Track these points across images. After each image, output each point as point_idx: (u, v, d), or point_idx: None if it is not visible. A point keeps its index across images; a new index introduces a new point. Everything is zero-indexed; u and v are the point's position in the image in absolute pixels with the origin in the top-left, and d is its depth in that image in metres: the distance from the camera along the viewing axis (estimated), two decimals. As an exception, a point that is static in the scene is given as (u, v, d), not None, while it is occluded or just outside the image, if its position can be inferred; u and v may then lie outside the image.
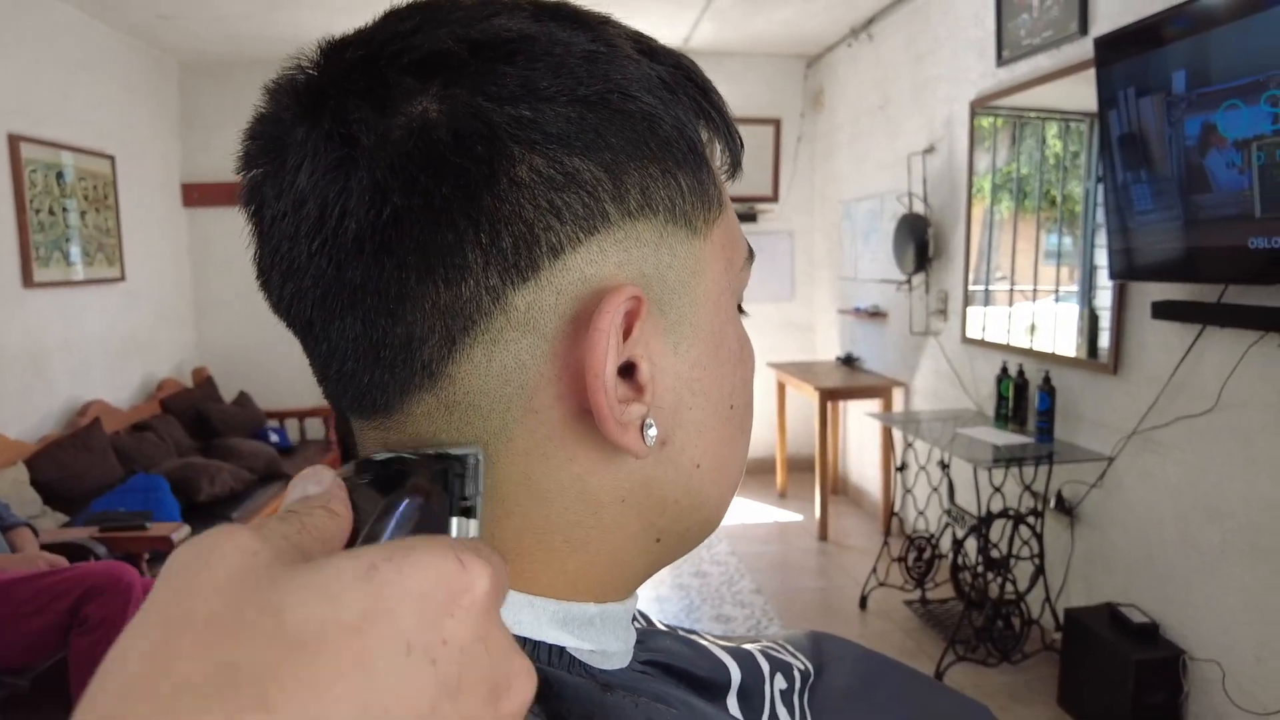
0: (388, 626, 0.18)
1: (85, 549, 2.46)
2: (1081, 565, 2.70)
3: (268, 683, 0.17)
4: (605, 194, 0.30)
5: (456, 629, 0.20)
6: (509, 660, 0.21)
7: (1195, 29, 1.95)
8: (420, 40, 0.29)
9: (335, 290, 0.29)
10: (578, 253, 0.30)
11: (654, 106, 0.31)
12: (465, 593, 0.20)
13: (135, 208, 4.08)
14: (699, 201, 0.33)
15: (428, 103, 0.28)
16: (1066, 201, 2.77)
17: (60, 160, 3.49)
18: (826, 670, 0.55)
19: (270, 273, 0.32)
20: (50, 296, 3.43)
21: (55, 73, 3.50)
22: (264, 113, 0.32)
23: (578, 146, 0.29)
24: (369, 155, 0.28)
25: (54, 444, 3.15)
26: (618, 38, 0.32)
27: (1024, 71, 2.89)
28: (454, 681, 0.19)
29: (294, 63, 0.32)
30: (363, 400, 0.32)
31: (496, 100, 0.28)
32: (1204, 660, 2.19)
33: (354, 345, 0.30)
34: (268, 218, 0.31)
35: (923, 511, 3.39)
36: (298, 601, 0.18)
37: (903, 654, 2.90)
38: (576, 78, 0.29)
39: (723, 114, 0.36)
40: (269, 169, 0.31)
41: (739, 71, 4.89)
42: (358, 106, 0.28)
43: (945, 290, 3.50)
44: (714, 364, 0.35)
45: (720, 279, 0.35)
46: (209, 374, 4.59)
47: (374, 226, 0.28)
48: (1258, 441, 2.01)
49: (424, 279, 0.28)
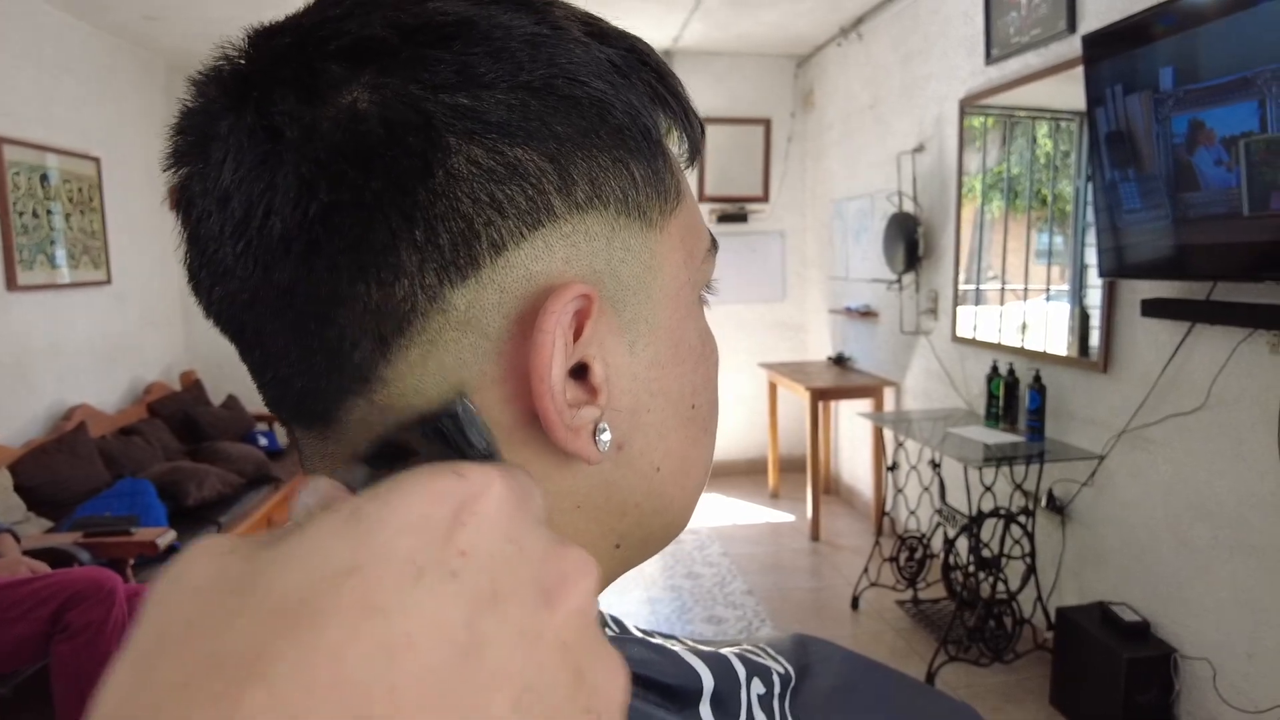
0: (385, 559, 0.17)
1: (69, 555, 2.43)
2: (1073, 564, 2.70)
3: (258, 656, 0.15)
4: (550, 186, 0.28)
5: (473, 537, 0.18)
6: (555, 557, 0.19)
7: (1182, 26, 1.95)
8: (351, 26, 0.28)
9: (263, 293, 0.28)
10: (521, 249, 0.28)
11: (604, 92, 0.29)
12: (474, 500, 0.18)
13: (121, 210, 4.05)
14: (654, 192, 0.32)
15: (358, 92, 0.27)
16: (1057, 200, 2.77)
17: (45, 162, 3.46)
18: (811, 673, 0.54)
19: (199, 275, 0.30)
20: (35, 300, 3.40)
21: (39, 74, 3.47)
22: (190, 106, 0.30)
23: (520, 136, 0.27)
24: (295, 149, 0.26)
25: (39, 449, 3.12)
26: (565, 20, 0.30)
27: (1013, 70, 2.88)
28: (487, 590, 0.17)
29: (221, 51, 0.30)
30: (299, 408, 0.30)
31: (431, 88, 0.27)
32: (1195, 658, 2.19)
33: (285, 350, 0.29)
34: (194, 217, 0.29)
35: (914, 511, 3.38)
36: (278, 571, 0.16)
37: (895, 654, 2.89)
38: (518, 63, 0.28)
39: (680, 99, 0.34)
40: (195, 166, 0.29)
41: (729, 71, 4.89)
42: (283, 97, 0.27)
43: (935, 289, 3.50)
44: (673, 362, 0.33)
45: (679, 273, 0.34)
46: (197, 377, 4.57)
47: (301, 225, 0.26)
48: (1247, 439, 2.01)
49: (355, 280, 0.27)
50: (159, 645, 0.16)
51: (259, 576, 0.16)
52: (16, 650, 2.05)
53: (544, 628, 0.18)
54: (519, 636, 0.17)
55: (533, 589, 0.18)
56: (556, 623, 0.18)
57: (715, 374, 0.37)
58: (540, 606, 0.18)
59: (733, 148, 4.94)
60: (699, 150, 0.36)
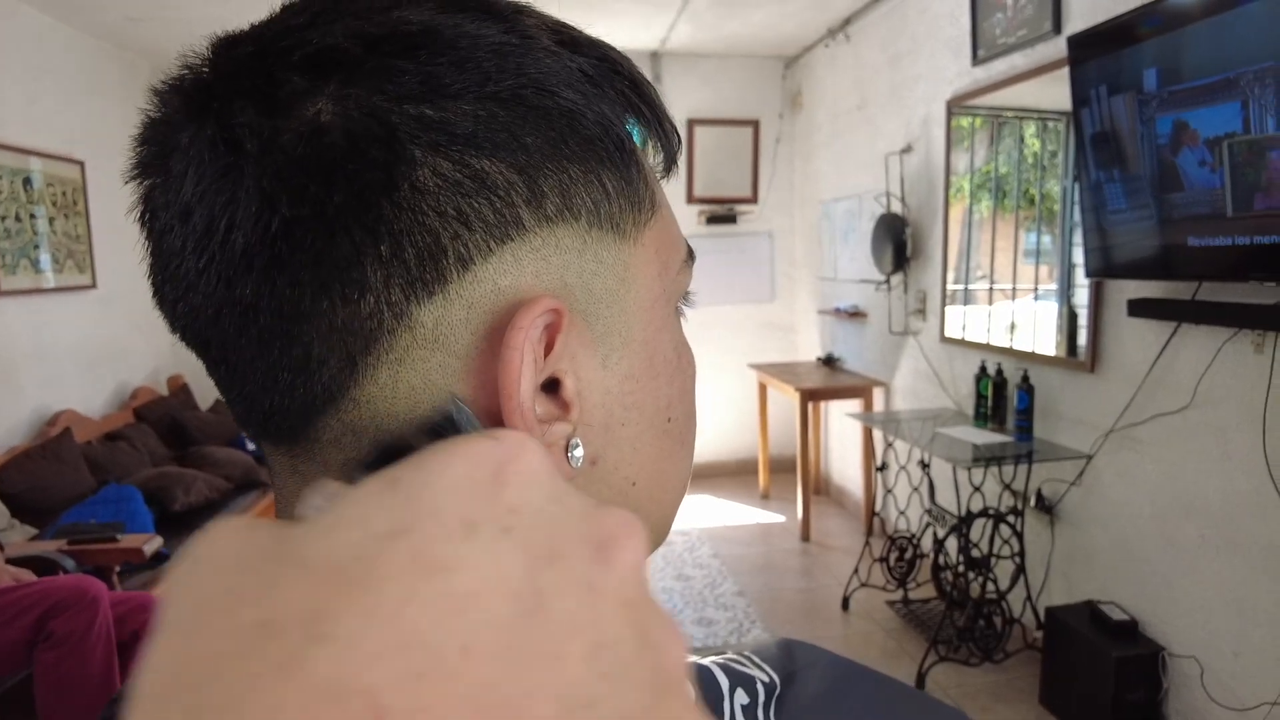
0: (436, 518, 0.16)
1: (54, 563, 2.41)
2: (1062, 563, 2.71)
3: (316, 619, 0.14)
4: (519, 198, 0.27)
5: (519, 495, 0.17)
6: (600, 516, 0.19)
7: (1166, 27, 1.96)
8: (313, 35, 0.27)
9: (227, 309, 0.27)
10: (489, 263, 0.27)
11: (574, 102, 0.29)
12: (513, 461, 0.18)
13: (106, 213, 4.01)
14: (627, 203, 0.31)
15: (321, 104, 0.26)
16: (1045, 200, 2.78)
17: (28, 165, 3.43)
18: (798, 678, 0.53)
19: (163, 289, 0.30)
20: (19, 304, 3.36)
21: (22, 77, 3.44)
22: (153, 116, 0.30)
23: (487, 147, 0.27)
24: (255, 162, 0.26)
25: (22, 455, 3.09)
26: (534, 29, 0.30)
27: (1000, 70, 2.89)
28: (543, 546, 0.17)
29: (183, 60, 0.29)
30: (268, 425, 0.29)
31: (395, 99, 0.26)
32: (1183, 656, 2.20)
33: (251, 367, 0.28)
34: (157, 230, 0.29)
35: (904, 511, 3.39)
36: (320, 537, 0.16)
37: (885, 654, 2.89)
38: (485, 73, 0.27)
39: (654, 108, 0.34)
40: (157, 179, 0.29)
41: (716, 73, 4.89)
42: (244, 109, 0.26)
43: (924, 290, 3.51)
44: (648, 376, 0.33)
45: (653, 285, 0.33)
46: (184, 381, 4.54)
47: (263, 240, 0.26)
48: (1232, 437, 2.02)
49: (319, 296, 0.26)
50: (199, 617, 0.15)
51: (299, 544, 0.16)
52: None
53: (604, 584, 0.17)
54: (582, 591, 0.17)
55: (586, 545, 0.18)
56: (615, 579, 0.17)
57: (692, 386, 0.36)
58: (596, 562, 0.17)
59: (721, 149, 4.95)
60: (675, 160, 0.36)
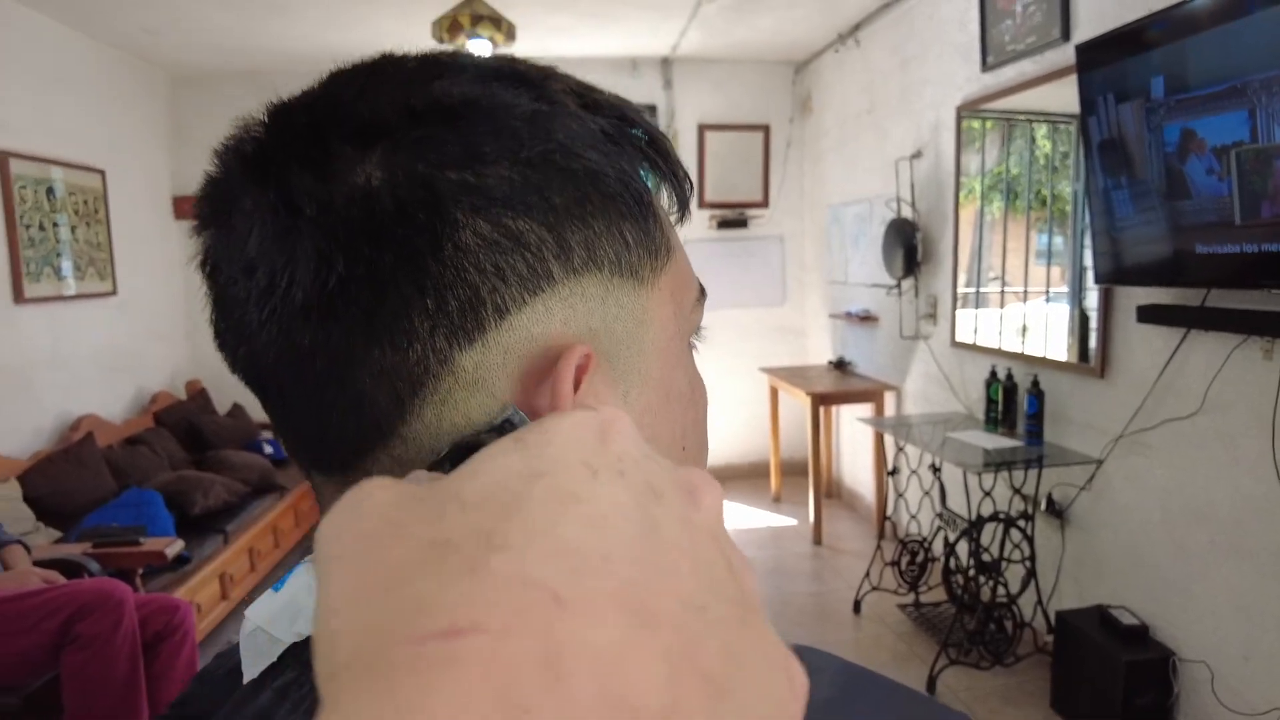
0: (562, 464, 0.19)
1: (79, 565, 2.46)
2: (1072, 567, 2.71)
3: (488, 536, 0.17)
4: (549, 253, 0.30)
5: (622, 448, 0.21)
6: (685, 470, 0.22)
7: (1174, 35, 1.97)
8: (363, 109, 0.30)
9: (287, 356, 0.30)
10: (523, 313, 0.30)
11: (597, 161, 0.32)
12: (611, 423, 0.22)
13: (126, 221, 4.08)
14: (645, 252, 0.34)
15: (370, 170, 0.29)
16: (1056, 201, 2.78)
17: (50, 175, 3.50)
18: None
19: (225, 335, 0.32)
20: (41, 311, 3.43)
21: (43, 88, 3.51)
22: (214, 176, 0.32)
23: (521, 208, 0.29)
24: (312, 225, 0.28)
25: (46, 459, 3.15)
26: (560, 94, 0.33)
27: (1009, 76, 2.91)
28: (650, 487, 0.20)
29: (243, 125, 0.32)
30: (321, 458, 0.32)
31: (439, 166, 0.29)
32: (1193, 661, 2.21)
33: (307, 407, 0.31)
34: (221, 282, 0.32)
35: (915, 515, 3.40)
36: (467, 483, 0.19)
37: (896, 658, 2.91)
38: (519, 139, 0.30)
39: (668, 159, 0.36)
40: (220, 233, 0.32)
41: (727, 78, 4.91)
42: (301, 176, 0.29)
43: (934, 294, 3.52)
44: (664, 408, 0.35)
45: (669, 325, 0.36)
46: (202, 386, 4.59)
47: (320, 295, 0.28)
48: (1242, 444, 2.03)
49: (371, 345, 0.29)
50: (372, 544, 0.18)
51: (453, 489, 0.19)
52: (27, 660, 2.08)
53: (697, 520, 0.21)
54: (681, 523, 0.20)
55: (679, 489, 0.21)
56: (703, 517, 0.21)
57: (704, 415, 0.39)
58: (688, 503, 0.21)
59: (732, 154, 4.97)
60: (687, 206, 0.39)
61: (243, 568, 3.43)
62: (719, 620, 0.18)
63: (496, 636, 0.15)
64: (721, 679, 0.17)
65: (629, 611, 0.17)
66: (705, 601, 0.18)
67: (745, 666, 0.18)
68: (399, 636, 0.15)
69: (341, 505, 0.19)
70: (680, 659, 0.16)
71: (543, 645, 0.15)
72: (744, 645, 0.18)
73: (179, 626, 2.34)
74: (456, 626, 0.15)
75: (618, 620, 0.16)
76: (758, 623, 0.19)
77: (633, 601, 0.17)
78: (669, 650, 0.16)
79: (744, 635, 0.19)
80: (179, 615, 2.35)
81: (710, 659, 0.17)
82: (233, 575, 3.30)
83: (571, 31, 4.13)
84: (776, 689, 0.18)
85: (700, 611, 0.18)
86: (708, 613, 0.18)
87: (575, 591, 0.16)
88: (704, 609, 0.18)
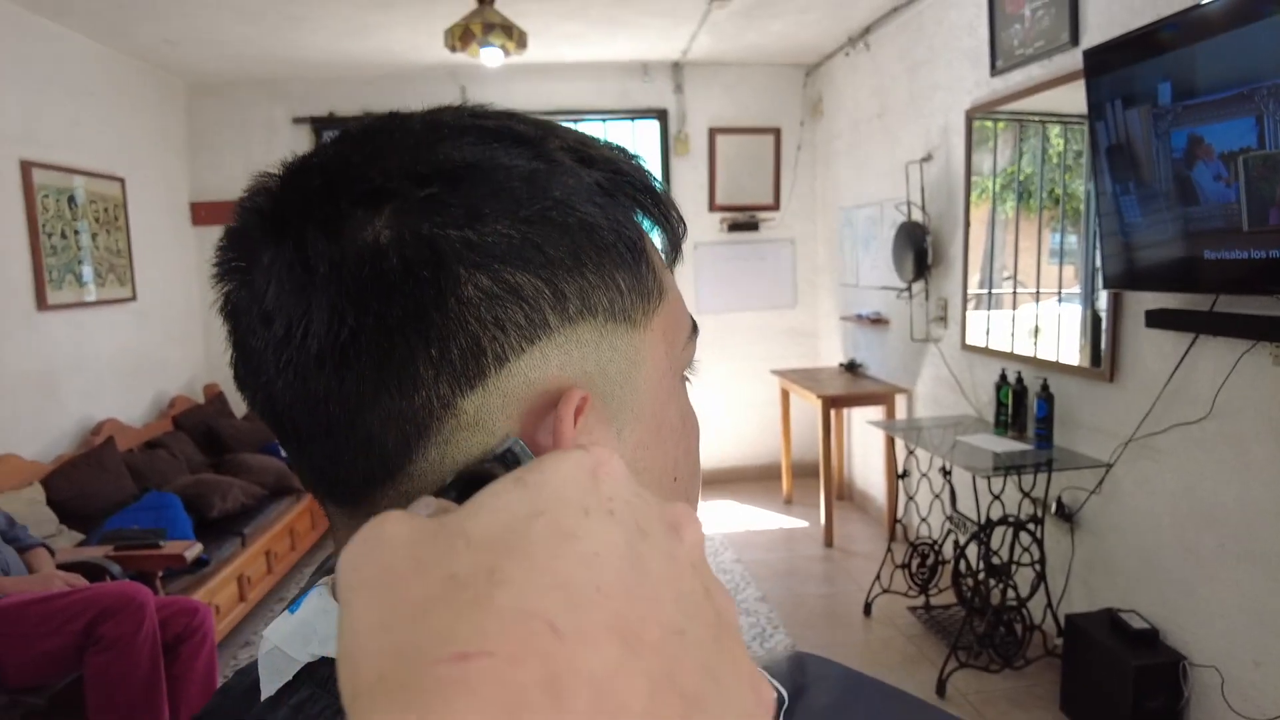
0: (559, 504, 0.22)
1: (101, 568, 2.51)
2: (1082, 571, 2.72)
3: (491, 573, 0.19)
4: (546, 304, 0.32)
5: (613, 489, 0.23)
6: (669, 506, 0.25)
7: (1181, 41, 1.98)
8: (372, 173, 0.32)
9: (302, 399, 0.33)
10: (521, 360, 0.32)
11: (592, 214, 0.34)
12: (602, 465, 0.24)
13: (145, 228, 4.15)
14: (638, 297, 0.36)
15: (380, 229, 0.31)
16: (1070, 200, 2.77)
17: (71, 184, 3.56)
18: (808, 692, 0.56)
19: (245, 378, 0.35)
20: (63, 318, 3.49)
21: (64, 98, 3.57)
22: (234, 228, 0.35)
23: (519, 262, 0.32)
24: (325, 281, 0.31)
25: (68, 463, 3.21)
26: (557, 151, 0.35)
27: (1018, 81, 2.91)
28: (637, 525, 0.22)
29: (262, 182, 0.35)
30: (333, 492, 0.35)
31: (442, 226, 0.31)
32: (1203, 666, 2.21)
33: (321, 446, 0.33)
34: (241, 329, 0.35)
35: (925, 518, 3.40)
36: (475, 520, 0.21)
37: (906, 660, 2.92)
38: (518, 199, 0.32)
39: (661, 205, 0.39)
40: (240, 284, 0.35)
41: (738, 82, 4.93)
42: (316, 237, 0.32)
43: (945, 298, 3.52)
44: (656, 443, 0.38)
45: (661, 363, 0.38)
46: (220, 390, 4.66)
47: (333, 345, 0.31)
48: (1251, 448, 2.03)
49: (380, 391, 0.31)
50: (394, 576, 0.20)
51: (460, 526, 0.21)
52: (52, 661, 2.13)
53: (679, 553, 0.23)
54: (665, 557, 0.22)
55: (663, 525, 0.23)
56: (685, 550, 0.23)
57: (696, 446, 0.42)
58: (671, 538, 0.23)
59: (743, 157, 4.99)
60: (679, 249, 0.41)
61: (260, 570, 3.48)
62: (696, 642, 0.21)
63: (504, 662, 0.18)
64: (696, 695, 0.19)
65: (619, 640, 0.19)
66: (684, 626, 0.21)
67: (719, 682, 0.20)
68: (422, 660, 0.18)
69: (361, 537, 0.22)
70: (661, 678, 0.19)
71: (543, 670, 0.18)
72: (718, 663, 0.21)
73: (199, 628, 2.39)
74: (468, 652, 0.18)
75: (608, 647, 0.19)
76: (731, 643, 0.22)
77: (622, 630, 0.19)
78: (651, 671, 0.19)
79: (718, 654, 0.21)
80: (198, 617, 2.40)
81: (688, 677, 0.20)
82: (250, 577, 3.35)
83: (583, 38, 4.16)
84: (745, 702, 0.21)
85: (680, 635, 0.21)
86: (686, 636, 0.21)
87: (570, 622, 0.19)
88: (683, 633, 0.21)
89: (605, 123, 4.95)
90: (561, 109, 4.83)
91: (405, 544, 0.21)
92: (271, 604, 3.59)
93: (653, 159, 4.97)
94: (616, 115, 4.93)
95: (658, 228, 0.39)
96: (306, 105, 4.67)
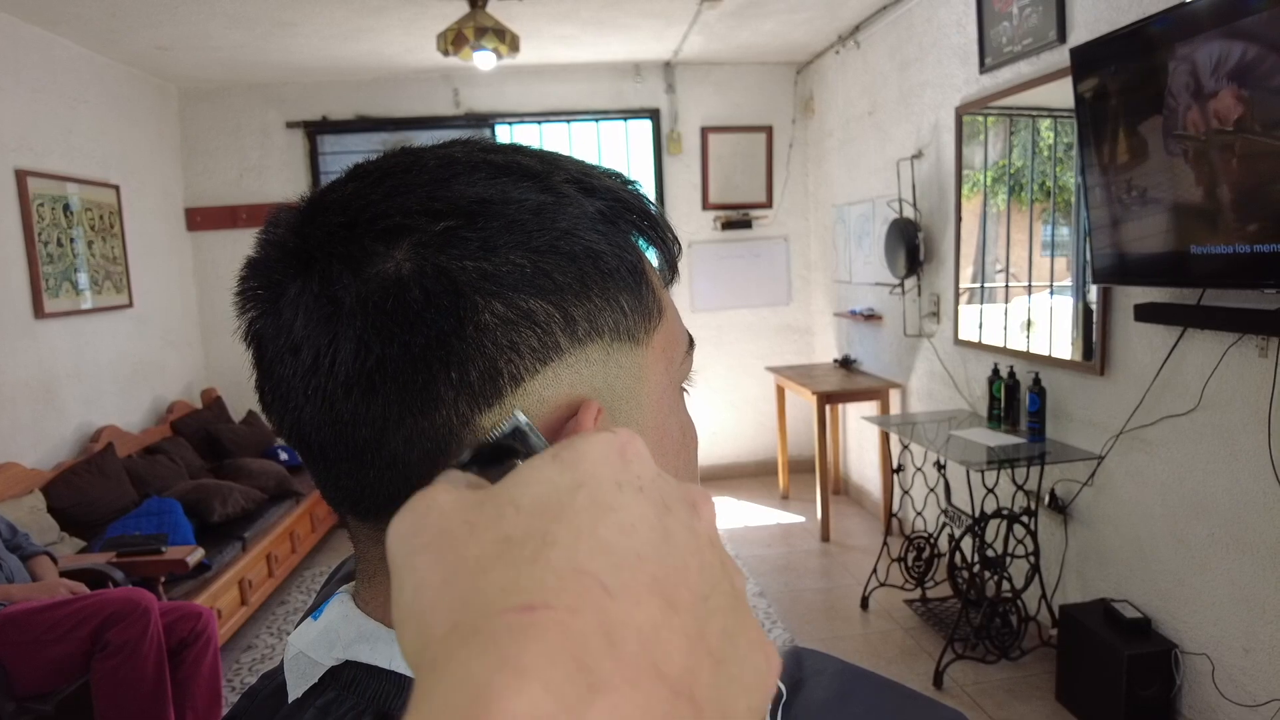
0: (596, 478, 0.23)
1: (104, 574, 2.52)
2: (1076, 562, 2.75)
3: (543, 535, 0.21)
4: (557, 327, 0.35)
5: (640, 468, 0.25)
6: (685, 486, 0.27)
7: (1169, 38, 2.00)
8: (392, 210, 0.35)
9: (329, 423, 0.35)
10: (535, 380, 0.35)
11: (596, 242, 0.37)
12: (627, 445, 0.25)
13: (141, 234, 4.16)
14: (640, 317, 0.39)
15: (400, 262, 0.34)
16: (1061, 192, 2.80)
17: (66, 192, 3.57)
18: (805, 686, 0.59)
19: (272, 403, 0.37)
20: (61, 326, 3.50)
21: (58, 107, 3.58)
22: (257, 259, 0.37)
23: (531, 290, 0.34)
24: (350, 312, 0.34)
25: (69, 471, 3.23)
26: (562, 184, 0.38)
27: (1007, 78, 2.94)
28: (663, 501, 0.24)
29: (281, 216, 0.37)
30: (357, 506, 0.37)
31: (459, 258, 0.34)
32: (1194, 653, 2.25)
33: (346, 466, 0.36)
34: (268, 357, 0.37)
35: (921, 512, 3.44)
36: (520, 490, 0.23)
37: (904, 652, 2.95)
38: (528, 231, 0.35)
39: (658, 228, 0.41)
40: (265, 312, 0.37)
41: (730, 81, 4.95)
42: (340, 272, 0.34)
43: (937, 293, 3.55)
44: (658, 455, 0.40)
45: (662, 378, 0.41)
46: (218, 394, 4.67)
47: (360, 373, 0.34)
48: (1239, 439, 2.06)
49: (404, 412, 0.34)
50: (451, 538, 0.22)
51: (509, 494, 0.23)
52: (59, 669, 2.15)
53: (699, 528, 0.25)
54: (688, 531, 0.24)
55: (685, 504, 0.25)
56: (703, 526, 0.25)
57: (695, 456, 0.44)
58: (691, 514, 0.25)
59: (736, 155, 5.01)
60: (675, 268, 0.44)
61: (261, 573, 3.50)
62: (718, 608, 0.23)
63: (566, 612, 0.20)
64: (720, 653, 0.22)
65: (661, 599, 0.22)
66: (707, 593, 0.23)
67: (736, 645, 0.23)
68: (491, 610, 0.20)
69: (410, 507, 0.24)
70: (695, 637, 0.22)
71: (599, 622, 0.20)
72: (734, 627, 0.24)
73: (202, 632, 2.41)
74: (532, 604, 0.20)
75: (651, 606, 0.21)
76: (744, 612, 0.25)
77: (661, 592, 0.22)
78: (686, 630, 0.22)
79: (735, 620, 0.24)
80: (202, 621, 2.42)
81: (713, 638, 0.22)
82: (252, 581, 3.37)
83: (575, 40, 4.18)
84: (758, 664, 0.24)
85: (705, 600, 0.23)
86: (709, 602, 0.23)
87: (617, 581, 0.21)
88: (707, 599, 0.23)
89: (598, 123, 4.97)
90: (555, 110, 4.85)
91: (457, 510, 0.23)
92: (273, 607, 3.61)
93: (646, 159, 5.00)
94: (609, 116, 4.95)
95: (654, 249, 0.42)
96: (300, 110, 4.68)
